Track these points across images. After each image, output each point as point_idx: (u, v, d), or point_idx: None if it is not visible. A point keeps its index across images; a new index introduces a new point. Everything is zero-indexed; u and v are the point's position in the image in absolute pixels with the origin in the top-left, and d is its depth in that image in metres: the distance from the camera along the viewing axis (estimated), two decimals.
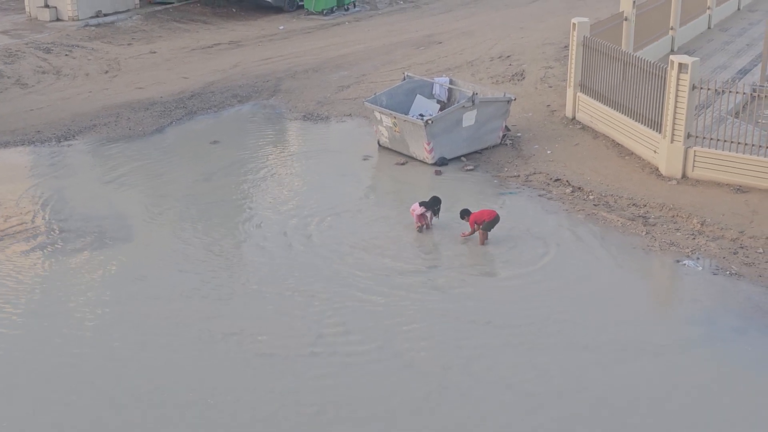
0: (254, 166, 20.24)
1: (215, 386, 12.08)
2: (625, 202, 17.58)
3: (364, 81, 26.64)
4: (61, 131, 22.40)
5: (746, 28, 30.51)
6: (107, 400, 11.86)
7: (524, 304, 14.15)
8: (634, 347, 12.89)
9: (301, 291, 14.51)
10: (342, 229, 16.81)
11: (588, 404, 11.72)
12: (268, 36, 34.09)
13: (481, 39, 31.13)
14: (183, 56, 30.67)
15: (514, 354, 12.81)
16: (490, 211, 16.05)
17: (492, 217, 15.88)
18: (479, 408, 11.66)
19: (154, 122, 23.17)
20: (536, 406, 11.68)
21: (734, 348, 12.89)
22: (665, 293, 15.27)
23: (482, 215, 15.96)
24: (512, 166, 19.64)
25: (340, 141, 21.94)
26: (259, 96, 25.54)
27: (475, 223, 15.97)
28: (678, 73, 18.02)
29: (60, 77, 27.68)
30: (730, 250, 15.63)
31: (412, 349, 12.95)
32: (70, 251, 15.97)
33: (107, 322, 13.70)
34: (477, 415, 11.54)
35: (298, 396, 11.89)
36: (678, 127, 18.31)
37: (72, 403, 11.85)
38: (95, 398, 11.92)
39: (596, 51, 21.11)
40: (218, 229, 16.85)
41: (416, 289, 14.56)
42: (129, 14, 35.86)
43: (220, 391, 11.98)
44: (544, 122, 22.17)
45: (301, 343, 13.04)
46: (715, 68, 25.15)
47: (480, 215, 15.98)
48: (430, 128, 19.31)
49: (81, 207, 17.86)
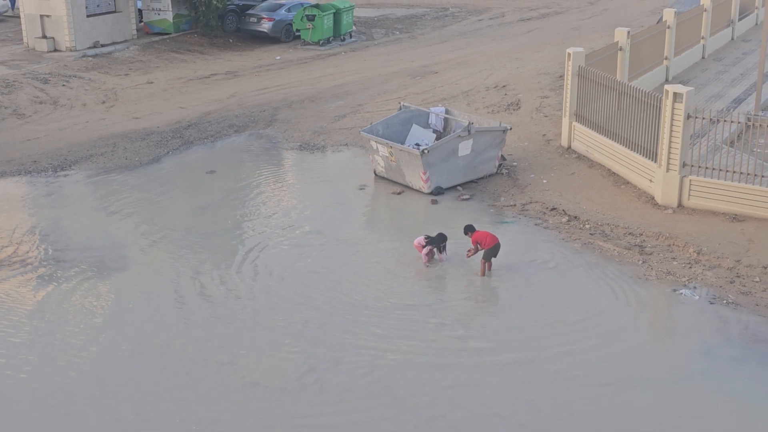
0: (250, 196, 20.25)
1: (201, 417, 12.01)
2: (622, 231, 17.59)
3: (360, 111, 26.73)
4: (58, 161, 22.42)
5: (740, 58, 30.68)
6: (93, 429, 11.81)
7: (518, 334, 14.07)
8: (630, 378, 12.82)
9: (295, 321, 14.45)
10: (338, 259, 16.79)
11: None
12: (265, 66, 34.25)
13: (477, 69, 31.27)
14: (180, 86, 30.77)
15: (505, 385, 12.71)
16: (493, 237, 15.92)
17: (491, 245, 15.80)
18: None
19: (151, 152, 23.19)
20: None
21: (732, 378, 12.83)
22: (662, 323, 15.22)
23: (485, 238, 15.85)
24: (508, 196, 19.67)
25: (336, 170, 21.97)
26: (255, 126, 25.60)
27: (476, 242, 15.89)
28: (673, 103, 18.10)
29: (57, 107, 27.75)
30: (727, 279, 15.62)
31: (399, 381, 12.83)
32: (65, 280, 15.92)
33: (100, 351, 13.64)
34: None
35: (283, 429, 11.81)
36: (673, 156, 18.36)
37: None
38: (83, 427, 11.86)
39: (591, 81, 21.20)
40: (213, 260, 16.82)
41: (409, 320, 14.50)
42: (126, 45, 36.03)
43: (206, 421, 11.91)
44: (540, 151, 22.23)
45: (292, 374, 12.95)
46: (709, 97, 25.26)
47: (483, 236, 15.86)
48: (426, 158, 19.35)
49: (77, 237, 17.83)
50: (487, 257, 15.86)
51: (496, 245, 15.85)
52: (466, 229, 16.19)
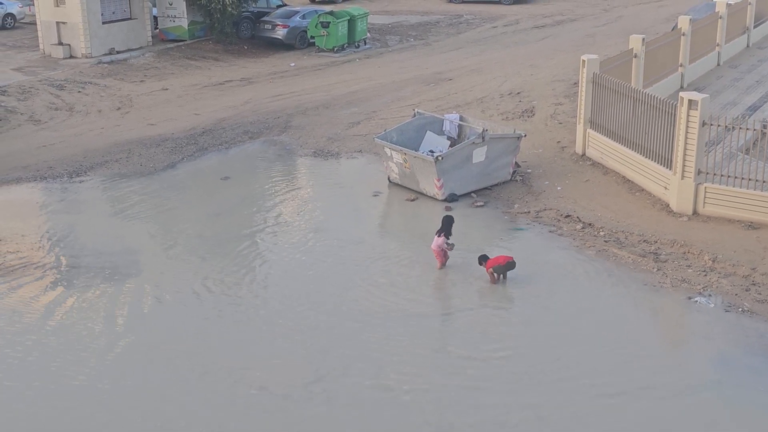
0: (264, 202, 20.28)
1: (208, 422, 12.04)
2: (636, 238, 17.52)
3: (375, 117, 26.75)
4: (73, 167, 22.52)
5: (755, 65, 30.56)
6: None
7: (529, 342, 14.04)
8: (643, 387, 12.73)
9: (307, 328, 14.45)
10: (350, 265, 16.79)
11: None
12: (279, 73, 34.33)
13: (491, 76, 31.26)
14: (195, 93, 30.88)
15: (515, 393, 12.64)
16: (506, 257, 15.93)
17: (505, 263, 15.79)
18: None
19: (166, 158, 23.27)
20: None
21: (748, 388, 12.72)
22: (677, 331, 15.15)
23: (497, 261, 15.87)
24: (522, 203, 19.63)
25: (350, 177, 21.98)
26: (269, 132, 25.66)
27: (491, 268, 15.89)
28: (688, 110, 18.03)
29: (73, 114, 27.88)
30: (743, 286, 15.54)
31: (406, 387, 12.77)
32: (80, 286, 15.98)
33: (111, 356, 13.69)
34: None
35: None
36: (688, 163, 18.29)
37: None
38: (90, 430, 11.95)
39: (606, 88, 21.16)
40: (227, 266, 16.84)
41: (418, 327, 14.48)
42: (141, 51, 36.20)
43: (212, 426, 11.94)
44: (555, 158, 22.19)
45: (300, 380, 12.94)
46: (725, 105, 25.16)
47: (495, 261, 15.89)
48: (441, 164, 19.34)
49: (92, 242, 17.90)
50: (498, 270, 15.79)
51: (508, 263, 15.79)
52: (480, 259, 16.06)
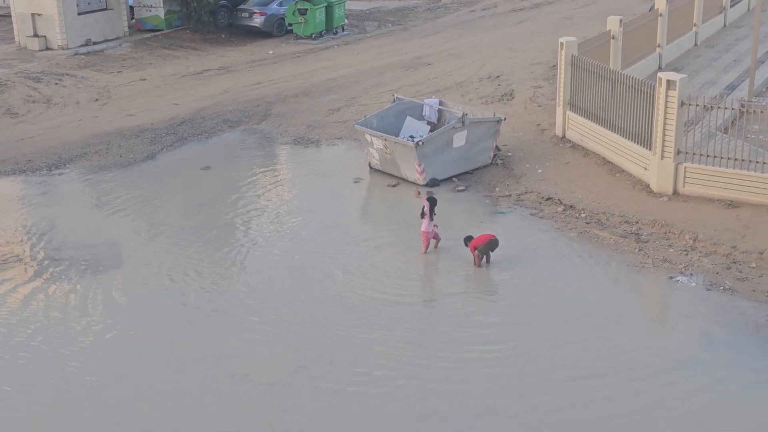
0: (245, 191, 20.24)
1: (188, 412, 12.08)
2: (617, 219, 17.60)
3: (354, 104, 26.70)
4: (52, 160, 22.38)
5: (733, 44, 30.67)
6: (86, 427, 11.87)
7: (513, 325, 14.08)
8: (627, 367, 12.83)
9: (291, 316, 14.47)
10: (333, 252, 16.78)
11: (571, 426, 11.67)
12: (258, 61, 34.18)
13: (470, 60, 31.23)
14: (173, 83, 30.71)
15: (499, 377, 12.69)
16: (488, 235, 16.01)
17: (486, 241, 15.86)
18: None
19: (145, 149, 23.16)
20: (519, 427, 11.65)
21: (730, 366, 12.82)
22: (659, 310, 15.26)
23: (480, 239, 15.95)
24: (503, 186, 19.67)
25: (331, 164, 21.96)
26: (249, 121, 25.57)
27: (474, 248, 15.94)
28: (666, 90, 18.09)
29: (50, 106, 27.68)
30: (723, 265, 15.65)
31: (392, 373, 12.81)
32: (61, 278, 15.91)
33: (94, 348, 13.66)
34: None
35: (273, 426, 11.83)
36: (668, 143, 18.37)
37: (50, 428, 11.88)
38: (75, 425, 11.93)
39: (584, 70, 21.19)
40: (209, 255, 16.81)
41: (403, 313, 14.53)
42: (118, 42, 35.95)
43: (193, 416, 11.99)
44: (535, 141, 22.23)
45: (284, 369, 12.95)
46: (703, 84, 25.26)
47: (478, 240, 15.96)
48: (421, 149, 19.34)
49: (73, 235, 17.81)
50: (481, 251, 15.87)
51: (489, 241, 15.87)
52: (465, 240, 16.14)
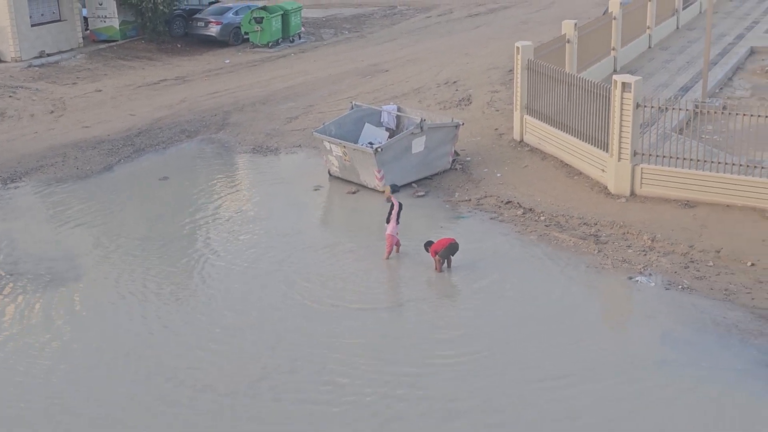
0: (205, 201, 20.12)
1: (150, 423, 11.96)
2: (576, 221, 17.73)
3: (312, 111, 26.67)
4: (8, 173, 22.09)
5: (686, 46, 31.09)
6: None
7: (474, 328, 14.10)
8: (588, 368, 12.90)
9: (252, 325, 14.38)
10: (294, 260, 16.72)
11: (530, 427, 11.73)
12: (214, 70, 34.04)
13: (427, 66, 31.34)
14: (129, 93, 30.48)
15: (462, 380, 12.70)
16: (447, 239, 16.07)
17: (446, 245, 15.90)
18: None
19: (102, 161, 22.94)
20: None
21: (690, 363, 12.94)
22: (620, 311, 15.38)
23: (440, 244, 15.98)
24: (463, 191, 19.74)
25: (290, 172, 21.90)
26: (207, 130, 25.44)
27: (435, 252, 15.97)
28: (622, 92, 18.28)
29: (4, 119, 27.34)
30: (681, 264, 15.82)
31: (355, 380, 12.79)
32: (19, 293, 15.69)
33: (54, 361, 13.48)
34: None
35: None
36: (624, 145, 18.55)
37: None
38: None
39: (541, 74, 21.35)
40: (169, 266, 16.68)
41: (365, 319, 14.50)
42: (73, 53, 35.62)
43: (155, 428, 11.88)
44: (493, 146, 22.34)
45: (246, 378, 12.87)
46: (657, 86, 25.56)
47: (438, 244, 15.99)
48: (380, 156, 19.36)
49: (30, 249, 17.59)
50: (442, 255, 15.91)
51: (450, 245, 15.91)
52: (426, 245, 16.16)
